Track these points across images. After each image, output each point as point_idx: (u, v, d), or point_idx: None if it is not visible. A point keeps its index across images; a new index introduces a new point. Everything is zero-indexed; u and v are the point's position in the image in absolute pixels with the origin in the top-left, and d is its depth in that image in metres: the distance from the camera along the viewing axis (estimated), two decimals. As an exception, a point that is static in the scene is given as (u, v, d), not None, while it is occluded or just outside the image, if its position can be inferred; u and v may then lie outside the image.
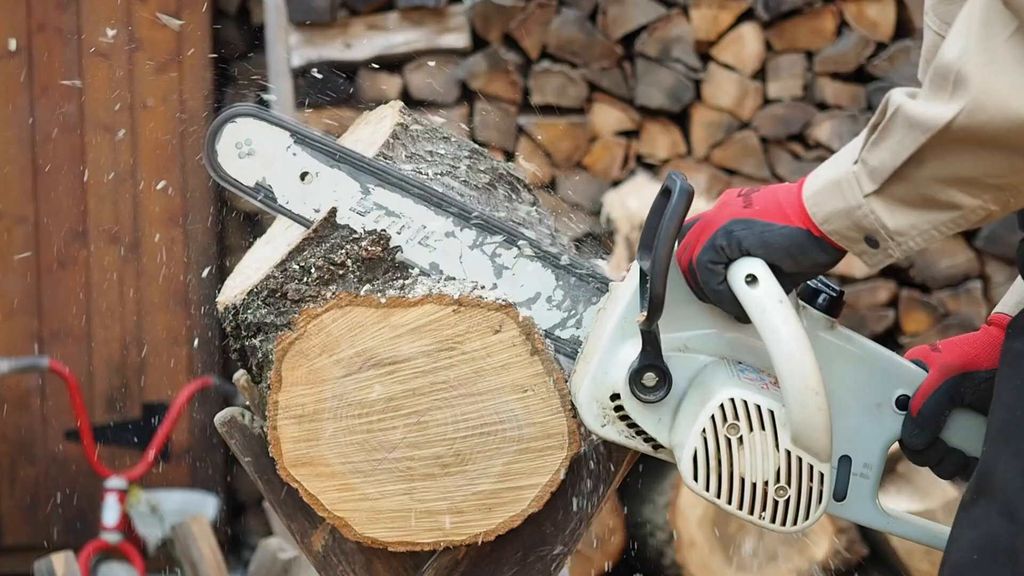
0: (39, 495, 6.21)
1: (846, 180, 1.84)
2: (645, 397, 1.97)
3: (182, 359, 6.20)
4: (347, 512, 2.10)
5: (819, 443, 1.91)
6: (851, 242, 1.86)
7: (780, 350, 1.87)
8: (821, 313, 1.99)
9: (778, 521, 1.95)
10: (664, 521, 5.44)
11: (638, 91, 5.96)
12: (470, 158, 2.27)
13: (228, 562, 5.30)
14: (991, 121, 1.71)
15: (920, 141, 1.75)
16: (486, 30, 5.96)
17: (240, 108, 2.15)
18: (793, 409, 1.89)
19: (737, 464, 1.93)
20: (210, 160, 2.14)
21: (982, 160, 1.74)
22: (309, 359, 2.07)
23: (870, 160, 1.81)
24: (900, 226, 1.81)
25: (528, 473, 2.09)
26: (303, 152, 2.13)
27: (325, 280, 2.09)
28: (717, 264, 1.91)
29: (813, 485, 1.93)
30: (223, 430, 2.21)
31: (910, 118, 1.77)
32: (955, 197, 1.77)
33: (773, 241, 1.88)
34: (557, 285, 2.14)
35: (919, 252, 5.92)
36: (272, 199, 2.14)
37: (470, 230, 2.12)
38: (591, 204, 5.94)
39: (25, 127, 6.13)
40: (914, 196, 1.79)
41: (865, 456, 2.02)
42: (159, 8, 6.16)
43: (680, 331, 1.98)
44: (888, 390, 2.02)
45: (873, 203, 1.81)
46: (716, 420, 1.93)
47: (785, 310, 1.87)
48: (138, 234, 6.19)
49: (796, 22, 5.97)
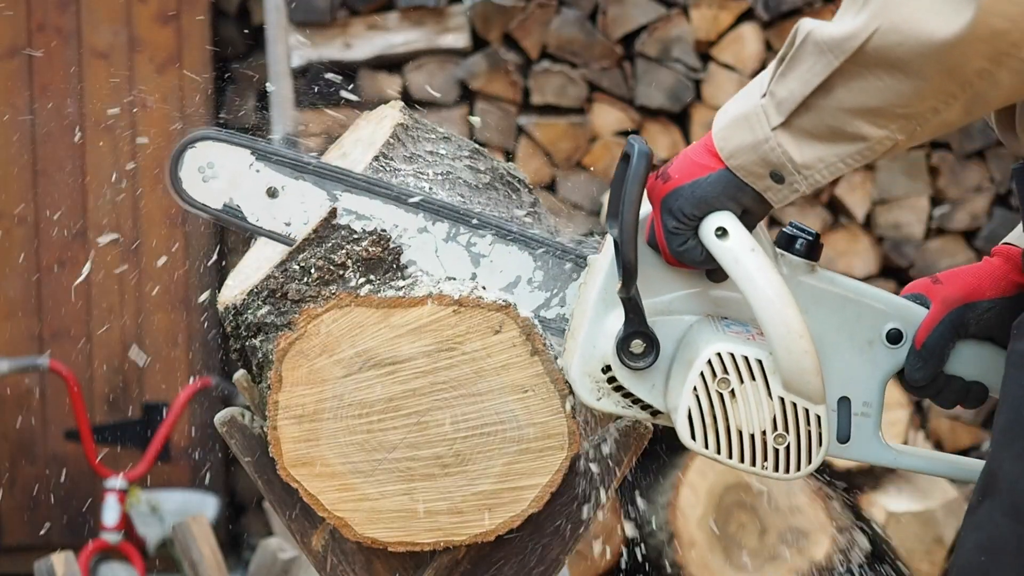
0: (39, 495, 6.21)
1: (754, 114, 1.84)
2: (635, 365, 1.97)
3: (182, 359, 6.20)
4: (347, 512, 2.10)
5: (810, 386, 1.90)
6: (756, 178, 1.85)
7: (758, 298, 1.87)
8: (800, 258, 1.98)
9: (781, 469, 1.94)
10: (664, 521, 5.44)
11: (638, 91, 5.96)
12: (470, 158, 2.27)
13: (228, 562, 5.30)
14: (903, 43, 1.71)
15: (832, 66, 1.76)
16: (486, 30, 5.96)
17: (198, 132, 2.15)
18: (780, 355, 1.89)
19: (732, 417, 1.93)
20: (175, 188, 2.14)
21: (890, 87, 1.74)
22: (309, 359, 2.07)
23: (778, 92, 1.82)
24: (807, 159, 1.82)
25: (528, 473, 2.09)
26: (266, 168, 2.13)
27: (325, 280, 2.09)
28: (676, 234, 1.91)
29: (811, 428, 1.93)
30: (223, 430, 2.21)
31: (821, 42, 1.77)
32: (862, 128, 1.78)
33: (706, 194, 1.88)
34: (536, 266, 2.14)
35: (919, 252, 5.94)
36: (242, 218, 2.14)
37: (442, 223, 2.12)
38: (591, 204, 5.94)
39: (25, 127, 6.13)
40: (821, 128, 1.80)
41: (864, 395, 2.02)
42: (159, 8, 6.16)
43: (661, 295, 1.98)
44: (877, 326, 2.02)
45: (780, 136, 1.82)
46: (706, 376, 1.92)
47: (758, 258, 1.87)
48: (138, 234, 6.19)
49: (796, 22, 5.96)
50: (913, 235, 5.97)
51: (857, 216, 5.91)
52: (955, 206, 5.96)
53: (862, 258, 5.94)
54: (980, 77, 1.72)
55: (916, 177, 5.95)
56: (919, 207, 5.95)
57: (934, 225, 5.98)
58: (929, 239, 5.99)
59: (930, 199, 5.95)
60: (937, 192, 5.95)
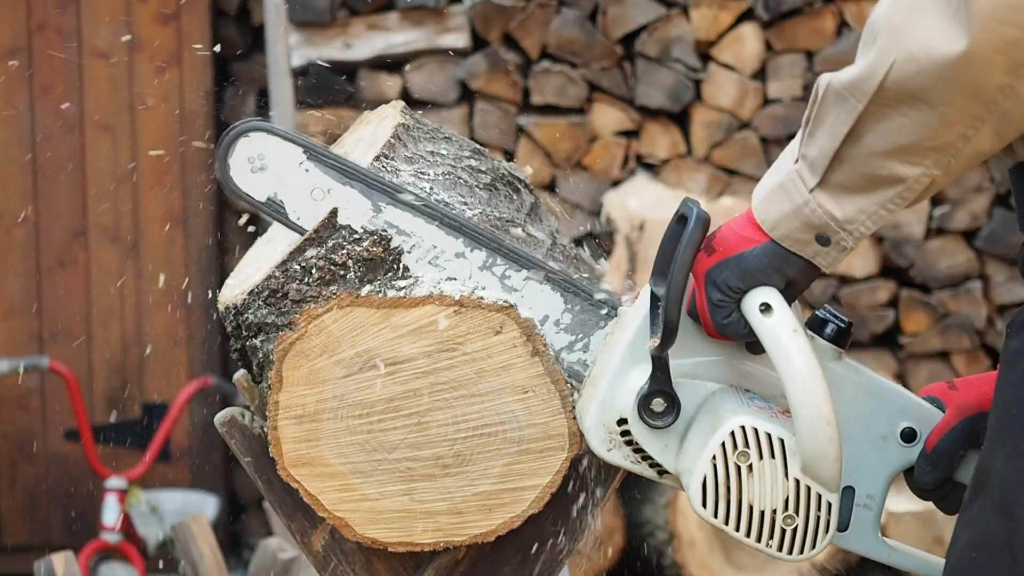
0: (39, 495, 6.21)
1: (790, 180, 1.83)
2: (653, 423, 1.97)
3: (182, 359, 6.20)
4: (347, 512, 2.10)
5: (829, 472, 1.90)
6: (802, 244, 1.85)
7: (794, 379, 1.87)
8: (829, 343, 1.98)
9: (785, 549, 1.94)
10: (664, 521, 5.44)
11: (638, 91, 5.96)
12: (471, 158, 2.27)
13: (228, 562, 5.30)
14: (921, 71, 1.70)
15: (857, 110, 1.75)
16: (486, 30, 5.96)
17: (253, 122, 2.14)
18: (805, 438, 1.89)
19: (746, 492, 1.93)
20: (223, 173, 2.13)
21: (916, 121, 1.73)
22: (310, 359, 2.07)
23: (809, 153, 1.81)
24: (848, 213, 1.81)
25: (528, 474, 2.09)
26: (316, 168, 2.12)
27: (326, 280, 2.09)
28: (720, 308, 1.91)
29: (821, 514, 1.93)
30: (223, 430, 2.21)
31: (841, 90, 1.77)
32: (896, 169, 1.77)
33: (751, 266, 1.88)
34: (566, 308, 2.14)
35: (919, 252, 5.93)
36: (283, 214, 2.13)
37: (480, 251, 2.12)
38: (591, 204, 5.94)
39: (25, 127, 6.12)
40: (856, 178, 1.79)
41: (869, 487, 2.02)
42: (159, 8, 6.16)
43: (688, 357, 1.98)
44: (893, 422, 2.02)
45: (818, 196, 1.81)
46: (727, 447, 1.92)
47: (799, 339, 1.87)
48: (138, 234, 6.19)
49: (796, 22, 5.96)
50: (913, 235, 5.97)
51: (857, 216, 5.90)
52: (955, 206, 5.96)
53: (862, 258, 5.94)
54: (1003, 93, 1.70)
55: (916, 177, 5.94)
56: (919, 207, 5.95)
57: (934, 225, 5.98)
58: (929, 239, 5.99)
59: (930, 199, 5.95)
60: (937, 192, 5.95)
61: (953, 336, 5.98)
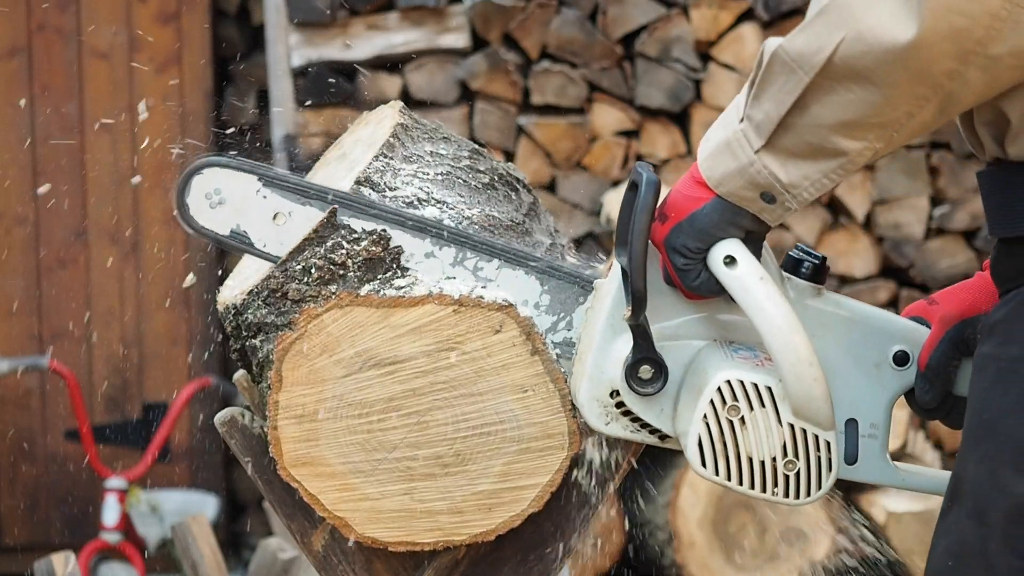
0: (39, 495, 6.21)
1: (735, 139, 1.84)
2: (643, 390, 1.97)
3: (182, 359, 6.20)
4: (347, 512, 2.11)
5: (820, 412, 1.91)
6: (748, 201, 1.85)
7: (768, 327, 1.87)
8: (806, 281, 1.99)
9: (791, 495, 1.95)
10: (664, 521, 5.44)
11: (638, 91, 5.96)
12: (470, 158, 2.27)
13: (228, 562, 5.30)
14: (869, 51, 1.71)
15: (803, 82, 1.76)
16: (486, 30, 5.96)
17: (205, 159, 2.14)
18: (790, 382, 1.89)
19: (743, 444, 1.93)
20: (183, 214, 2.14)
21: (862, 98, 1.74)
22: (310, 359, 2.07)
23: (754, 115, 1.82)
24: (793, 178, 1.82)
25: (528, 473, 2.10)
26: (273, 194, 2.13)
27: (326, 280, 2.09)
28: (696, 272, 1.91)
29: (821, 454, 1.94)
30: (223, 430, 2.21)
31: (789, 60, 1.77)
32: (840, 143, 1.78)
33: (705, 224, 1.88)
34: (543, 290, 2.14)
35: (919, 252, 5.93)
36: (250, 244, 2.14)
37: (449, 248, 2.12)
38: (591, 204, 5.94)
39: (25, 127, 6.13)
40: (802, 146, 1.80)
41: (871, 416, 2.02)
42: (159, 8, 6.16)
43: (669, 319, 1.99)
44: (884, 348, 2.02)
45: (764, 158, 1.82)
46: (716, 404, 1.93)
47: (767, 286, 1.88)
48: (138, 234, 6.19)
49: (796, 22, 5.95)
50: (913, 235, 5.97)
51: (857, 216, 5.91)
52: (955, 206, 5.96)
53: (862, 258, 5.94)
54: (949, 78, 1.72)
55: (916, 177, 5.95)
56: (919, 207, 5.95)
57: (934, 225, 5.98)
58: (929, 239, 5.99)
59: (930, 199, 5.95)
60: (937, 192, 5.95)
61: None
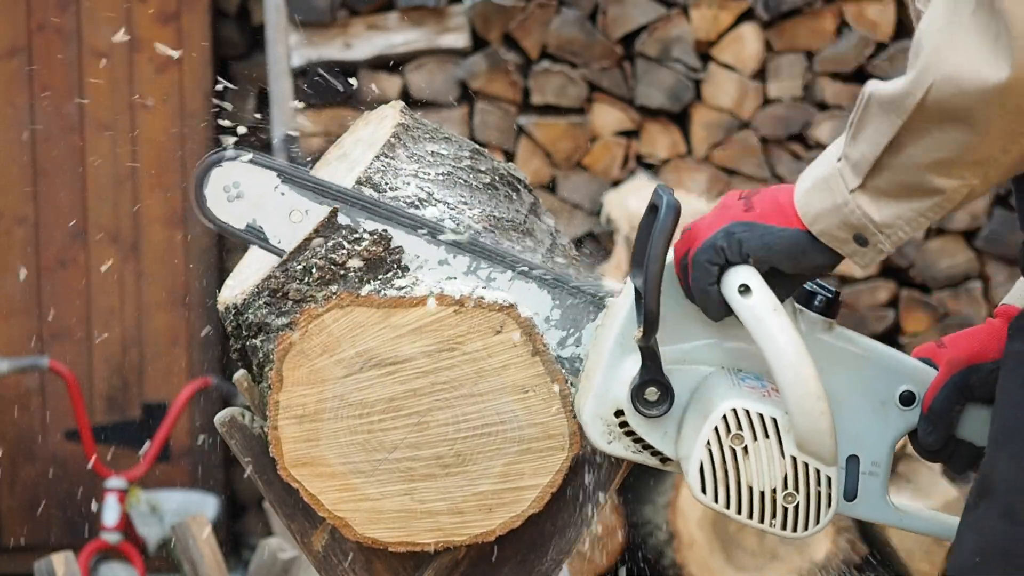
0: (39, 495, 6.21)
1: (832, 177, 1.84)
2: (648, 412, 1.97)
3: (182, 359, 6.20)
4: (347, 512, 2.10)
5: (824, 448, 1.90)
6: (840, 243, 1.86)
7: (778, 358, 1.87)
8: (818, 315, 1.99)
9: (788, 527, 1.94)
10: (664, 521, 5.44)
11: (638, 91, 5.96)
12: (471, 158, 2.27)
13: (228, 562, 5.30)
14: (960, 93, 1.71)
15: (897, 125, 1.77)
16: (486, 30, 5.96)
17: (226, 152, 2.14)
18: (796, 416, 1.89)
19: (744, 474, 1.93)
20: (200, 205, 2.14)
21: (956, 138, 1.74)
22: (310, 359, 2.07)
23: (852, 154, 1.82)
24: (886, 218, 1.82)
25: (529, 474, 2.09)
26: (291, 191, 2.13)
27: (326, 280, 2.09)
28: (713, 265, 1.91)
29: (821, 489, 1.93)
30: (223, 430, 2.21)
31: (883, 102, 1.78)
32: (935, 182, 1.78)
33: (773, 244, 1.88)
34: (554, 305, 2.14)
35: (919, 252, 5.93)
36: (264, 240, 2.14)
37: (463, 256, 2.12)
38: (591, 204, 5.94)
39: (25, 127, 6.13)
40: (896, 186, 1.80)
41: (873, 454, 2.02)
42: (159, 8, 6.16)
43: (679, 343, 1.98)
44: (891, 387, 2.02)
45: (858, 198, 1.82)
46: (720, 432, 1.92)
47: (780, 318, 1.87)
48: (138, 234, 6.19)
49: (796, 22, 5.96)
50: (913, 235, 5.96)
51: (857, 216, 5.90)
52: (955, 206, 5.96)
53: (862, 258, 5.93)
54: None
55: (916, 177, 5.94)
56: (919, 207, 5.95)
57: (934, 225, 5.98)
58: (929, 239, 5.99)
59: (930, 199, 5.95)
60: (937, 192, 5.95)
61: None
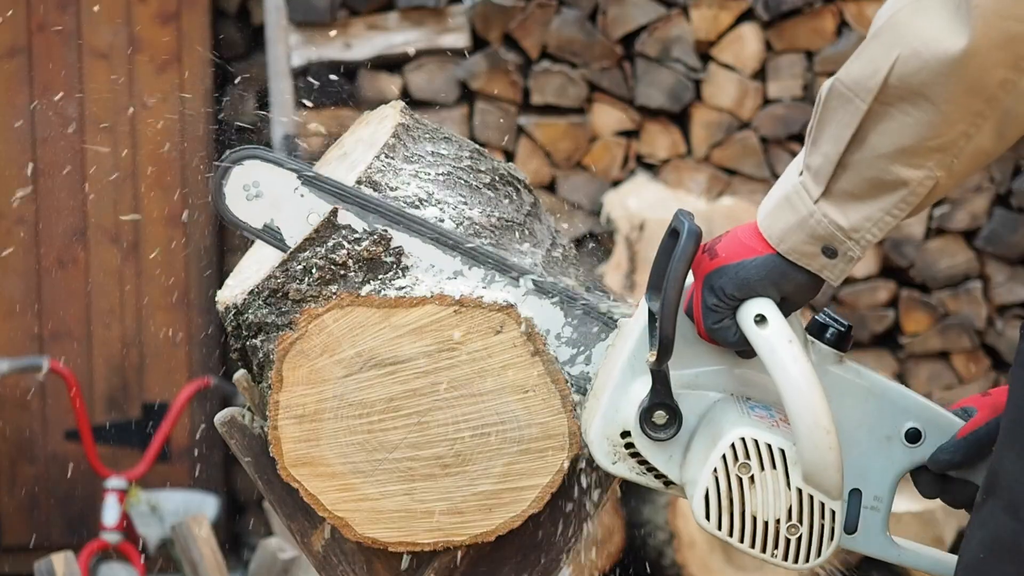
0: (39, 495, 6.21)
1: (795, 192, 1.84)
2: (655, 435, 1.97)
3: (182, 359, 6.20)
4: (347, 512, 2.10)
5: (831, 481, 1.90)
6: (809, 258, 1.85)
7: (790, 389, 1.87)
8: (829, 347, 1.98)
9: (790, 559, 1.94)
10: (664, 521, 5.44)
11: (638, 91, 5.96)
12: (471, 158, 2.27)
13: (228, 562, 5.30)
14: (924, 66, 1.71)
15: (861, 110, 1.76)
16: (486, 30, 5.96)
17: (246, 150, 2.14)
18: (804, 448, 1.88)
19: (749, 503, 1.93)
20: (217, 202, 2.14)
21: (918, 120, 1.74)
22: (310, 359, 2.07)
23: (813, 162, 1.82)
24: (853, 221, 1.82)
25: (529, 474, 2.09)
26: (311, 193, 2.13)
27: (326, 280, 2.09)
28: (721, 317, 1.91)
29: (825, 522, 1.93)
30: (223, 430, 2.21)
31: (844, 89, 1.77)
32: (900, 172, 1.77)
33: (749, 276, 1.88)
34: (566, 322, 2.14)
35: (919, 252, 5.93)
36: (281, 240, 2.14)
37: (478, 268, 2.12)
38: (591, 204, 5.94)
39: (25, 127, 6.13)
40: (861, 184, 1.80)
41: (875, 489, 2.02)
42: (159, 8, 6.16)
43: (689, 368, 1.98)
44: (897, 423, 2.01)
45: (823, 207, 1.82)
46: (727, 459, 1.92)
47: (794, 349, 1.87)
48: (138, 234, 6.19)
49: (796, 22, 5.96)
50: (913, 235, 5.97)
51: (857, 216, 5.91)
52: (955, 206, 5.96)
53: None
54: (1004, 89, 1.71)
55: (916, 177, 5.95)
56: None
57: (934, 225, 5.98)
58: (929, 239, 5.99)
59: (930, 199, 5.95)
60: (937, 192, 5.95)
61: (953, 336, 5.98)
